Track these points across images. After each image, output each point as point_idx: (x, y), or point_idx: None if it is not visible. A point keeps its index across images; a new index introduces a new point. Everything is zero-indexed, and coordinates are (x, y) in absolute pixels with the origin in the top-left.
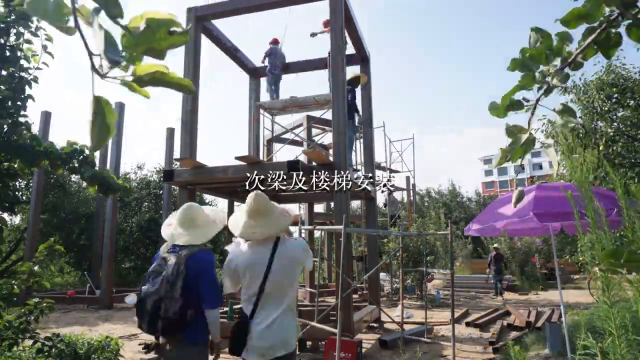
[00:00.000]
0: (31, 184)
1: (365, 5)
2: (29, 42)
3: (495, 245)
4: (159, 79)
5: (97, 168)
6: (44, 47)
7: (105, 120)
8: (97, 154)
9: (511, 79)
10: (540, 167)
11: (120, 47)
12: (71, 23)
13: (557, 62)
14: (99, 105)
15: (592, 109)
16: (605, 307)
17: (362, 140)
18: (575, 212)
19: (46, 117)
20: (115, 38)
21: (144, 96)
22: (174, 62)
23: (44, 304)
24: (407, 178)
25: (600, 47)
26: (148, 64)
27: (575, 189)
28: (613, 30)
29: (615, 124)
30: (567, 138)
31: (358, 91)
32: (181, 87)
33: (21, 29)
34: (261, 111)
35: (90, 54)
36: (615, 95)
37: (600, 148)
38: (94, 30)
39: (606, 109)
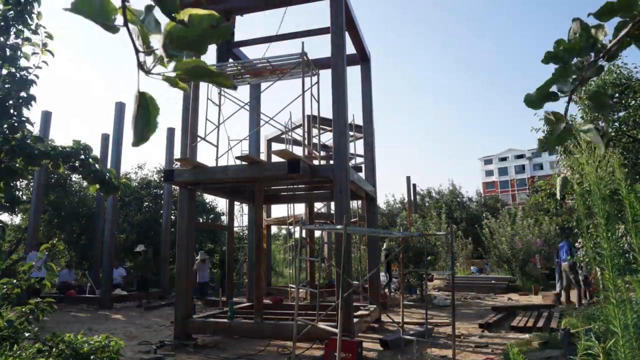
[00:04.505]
0: (31, 184)
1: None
2: (28, 40)
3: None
4: (200, 74)
5: (98, 166)
6: (44, 45)
7: (149, 115)
8: (97, 153)
9: (508, 80)
10: (541, 167)
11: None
12: (117, 22)
13: (591, 54)
14: (144, 100)
15: (592, 109)
16: (610, 307)
17: (362, 139)
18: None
19: (46, 116)
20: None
21: (183, 90)
22: None
23: (45, 304)
24: (408, 178)
25: (634, 40)
26: (188, 59)
27: None
28: None
29: (616, 124)
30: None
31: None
32: (221, 81)
33: (21, 27)
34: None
35: (137, 51)
36: (617, 95)
37: (603, 149)
38: (148, 27)
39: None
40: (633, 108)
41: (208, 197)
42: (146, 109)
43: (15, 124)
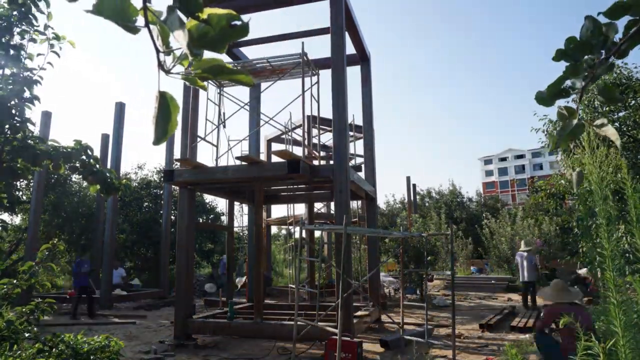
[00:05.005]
0: (31, 184)
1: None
2: (34, 40)
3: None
4: (219, 71)
5: (98, 167)
6: (51, 46)
7: (170, 114)
8: (97, 153)
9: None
10: (541, 168)
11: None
12: (138, 23)
13: (602, 52)
14: (164, 100)
15: (593, 109)
16: (611, 307)
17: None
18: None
19: (46, 117)
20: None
21: (202, 88)
22: None
23: (45, 304)
24: (408, 178)
25: None
26: (207, 58)
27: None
28: None
29: (617, 124)
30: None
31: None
32: (240, 79)
33: (25, 27)
34: (208, 81)
35: (157, 51)
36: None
37: (603, 149)
38: (172, 26)
39: (607, 109)
40: (633, 108)
41: (208, 197)
42: (166, 107)
43: (17, 124)
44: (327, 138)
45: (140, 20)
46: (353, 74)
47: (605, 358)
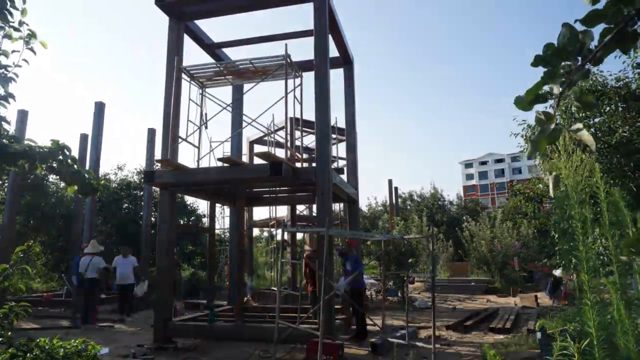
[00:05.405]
0: (6, 184)
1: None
2: (8, 37)
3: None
4: None
5: (76, 167)
6: (26, 43)
7: None
8: (76, 153)
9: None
10: (520, 172)
11: None
12: None
13: (579, 58)
14: None
15: (570, 114)
16: (586, 308)
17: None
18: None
19: (22, 115)
20: None
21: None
22: (158, 60)
23: (19, 308)
24: (390, 181)
25: (618, 44)
26: None
27: None
28: (629, 29)
29: (592, 130)
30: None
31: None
32: None
33: (0, 24)
34: (191, 82)
35: None
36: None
37: (578, 153)
38: None
39: (583, 115)
40: (608, 114)
41: (189, 199)
42: None
43: None
44: (310, 140)
45: None
46: (336, 73)
47: (580, 358)
